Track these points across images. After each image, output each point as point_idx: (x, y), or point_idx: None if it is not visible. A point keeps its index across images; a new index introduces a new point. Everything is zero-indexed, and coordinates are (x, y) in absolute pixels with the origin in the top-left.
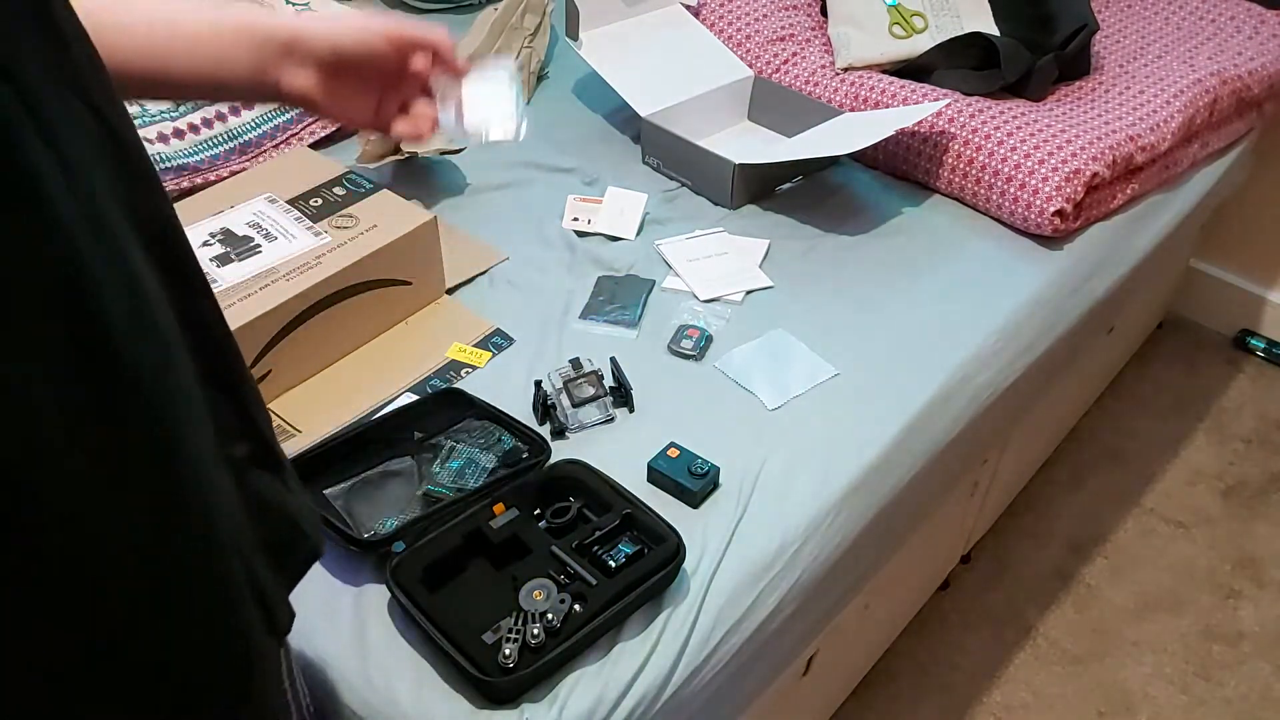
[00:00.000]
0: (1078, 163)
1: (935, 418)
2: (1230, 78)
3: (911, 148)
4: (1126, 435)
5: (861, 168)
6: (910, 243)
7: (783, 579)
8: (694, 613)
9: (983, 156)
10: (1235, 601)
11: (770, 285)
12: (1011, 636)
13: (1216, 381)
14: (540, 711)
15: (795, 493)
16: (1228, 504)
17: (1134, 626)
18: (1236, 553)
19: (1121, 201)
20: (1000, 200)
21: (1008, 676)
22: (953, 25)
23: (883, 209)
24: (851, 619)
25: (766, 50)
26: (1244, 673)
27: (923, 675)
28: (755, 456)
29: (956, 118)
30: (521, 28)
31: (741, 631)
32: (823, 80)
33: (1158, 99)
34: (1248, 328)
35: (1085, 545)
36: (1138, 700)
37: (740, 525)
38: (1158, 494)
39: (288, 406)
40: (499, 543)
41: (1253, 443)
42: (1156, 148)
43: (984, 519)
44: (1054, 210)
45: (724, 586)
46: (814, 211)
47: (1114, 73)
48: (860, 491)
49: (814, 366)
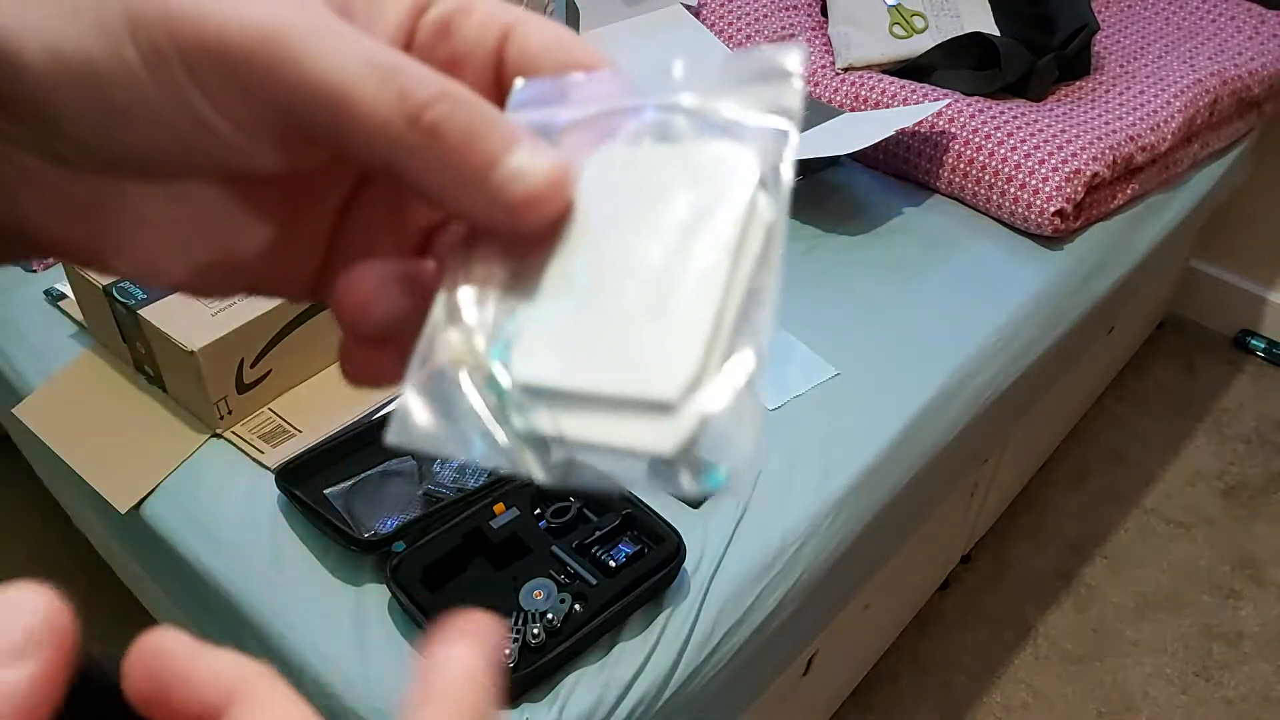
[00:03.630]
0: (1078, 163)
1: (935, 417)
2: (1230, 78)
3: (912, 148)
4: (1126, 435)
5: (862, 168)
6: (910, 243)
7: (783, 579)
8: (694, 612)
9: (983, 156)
10: (1235, 601)
11: None
12: (1011, 636)
13: (1216, 381)
14: (540, 711)
15: (795, 492)
16: (1228, 504)
17: (1134, 626)
18: (1237, 553)
19: (1122, 201)
20: (1000, 200)
21: (1008, 676)
22: (953, 25)
23: (883, 209)
24: (852, 619)
25: None
26: (1244, 673)
27: (923, 675)
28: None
29: (957, 118)
30: None
31: (742, 631)
32: (823, 80)
33: (1158, 99)
34: (1248, 328)
35: (1085, 545)
36: (1138, 700)
37: (741, 525)
38: (1158, 494)
39: (288, 406)
40: (499, 542)
41: (1253, 443)
42: (1157, 148)
43: (984, 519)
44: (1054, 210)
45: (724, 586)
46: (814, 211)
47: (1114, 73)
48: (860, 491)
49: (814, 366)
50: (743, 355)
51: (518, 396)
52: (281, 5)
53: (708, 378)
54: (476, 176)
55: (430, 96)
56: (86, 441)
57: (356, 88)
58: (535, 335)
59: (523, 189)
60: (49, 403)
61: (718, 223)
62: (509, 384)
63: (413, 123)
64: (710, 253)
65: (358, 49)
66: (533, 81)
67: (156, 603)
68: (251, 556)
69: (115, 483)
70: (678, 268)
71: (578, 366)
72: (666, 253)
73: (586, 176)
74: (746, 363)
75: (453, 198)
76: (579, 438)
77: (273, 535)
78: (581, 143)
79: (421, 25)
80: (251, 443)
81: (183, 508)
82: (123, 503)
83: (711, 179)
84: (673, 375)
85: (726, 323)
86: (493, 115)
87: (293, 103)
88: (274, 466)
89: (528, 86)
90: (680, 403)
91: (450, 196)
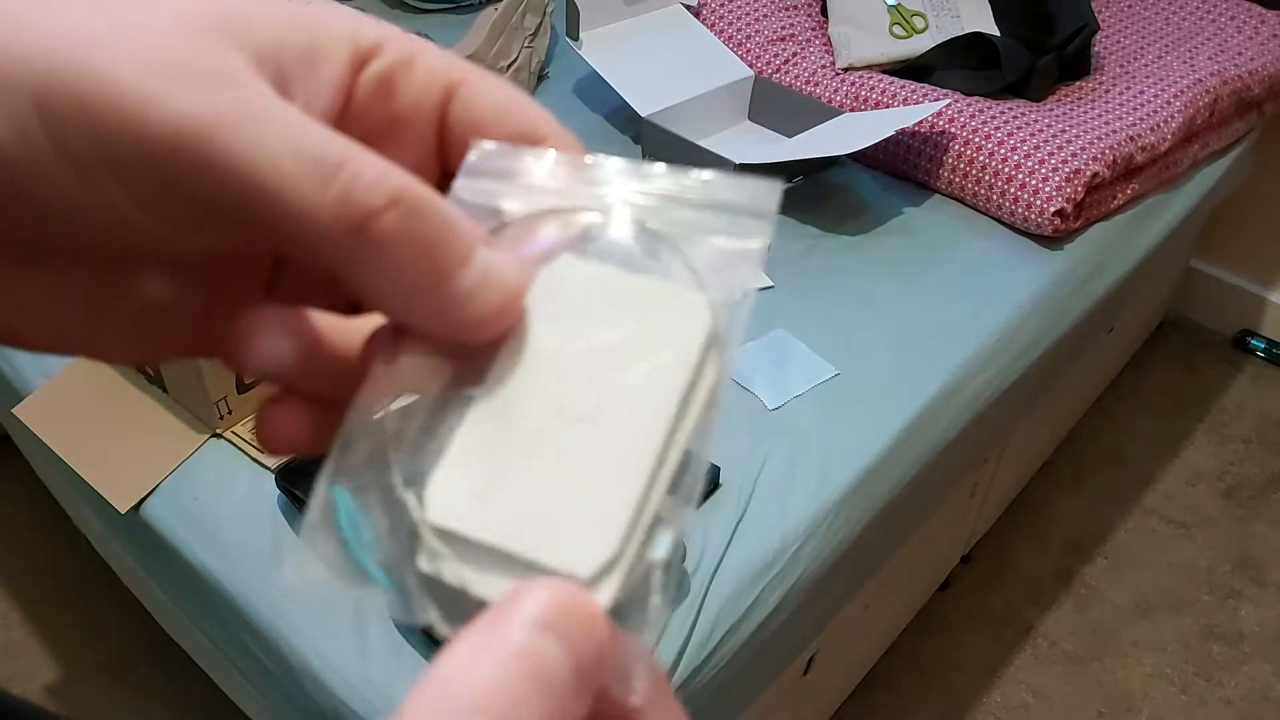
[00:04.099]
0: (1078, 163)
1: (936, 417)
2: (1230, 78)
3: (912, 148)
4: (1126, 435)
5: (862, 168)
6: (910, 243)
7: (783, 579)
8: (694, 613)
9: (983, 156)
10: (1235, 602)
11: (771, 285)
12: (1011, 637)
13: (1217, 382)
14: None
15: (795, 492)
16: (1228, 504)
17: (1134, 627)
18: (1237, 553)
19: (1122, 201)
20: (1000, 200)
21: (1008, 677)
22: (953, 25)
23: (883, 209)
24: (852, 619)
25: (767, 50)
26: (1244, 673)
27: (923, 675)
28: (755, 456)
29: (957, 118)
30: (522, 28)
31: (741, 631)
32: (823, 80)
33: (1158, 99)
34: (1248, 328)
35: (1085, 545)
36: (1138, 700)
37: (740, 525)
38: (1158, 494)
39: None
40: None
41: (1253, 443)
42: (1157, 148)
43: (984, 519)
44: (1054, 210)
45: (724, 586)
46: (814, 211)
47: (1114, 73)
48: (860, 491)
49: (814, 366)
50: (663, 536)
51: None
52: (210, 88)
53: (624, 559)
54: (426, 291)
55: (379, 204)
56: (86, 441)
57: (298, 189)
58: (453, 467)
59: (478, 307)
60: (49, 403)
61: (662, 379)
62: (418, 520)
63: (357, 231)
64: (648, 415)
65: (297, 140)
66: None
67: (156, 603)
68: (252, 556)
69: (115, 482)
70: (613, 422)
71: (493, 517)
72: (605, 401)
73: (535, 291)
74: (664, 546)
75: (398, 309)
76: (481, 594)
77: (273, 535)
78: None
79: (361, 81)
80: (252, 442)
81: (183, 507)
82: (123, 503)
83: (663, 327)
84: (589, 552)
85: (655, 495)
86: (449, 220)
87: (222, 201)
88: (274, 466)
89: (482, 156)
90: (592, 583)
91: (395, 307)
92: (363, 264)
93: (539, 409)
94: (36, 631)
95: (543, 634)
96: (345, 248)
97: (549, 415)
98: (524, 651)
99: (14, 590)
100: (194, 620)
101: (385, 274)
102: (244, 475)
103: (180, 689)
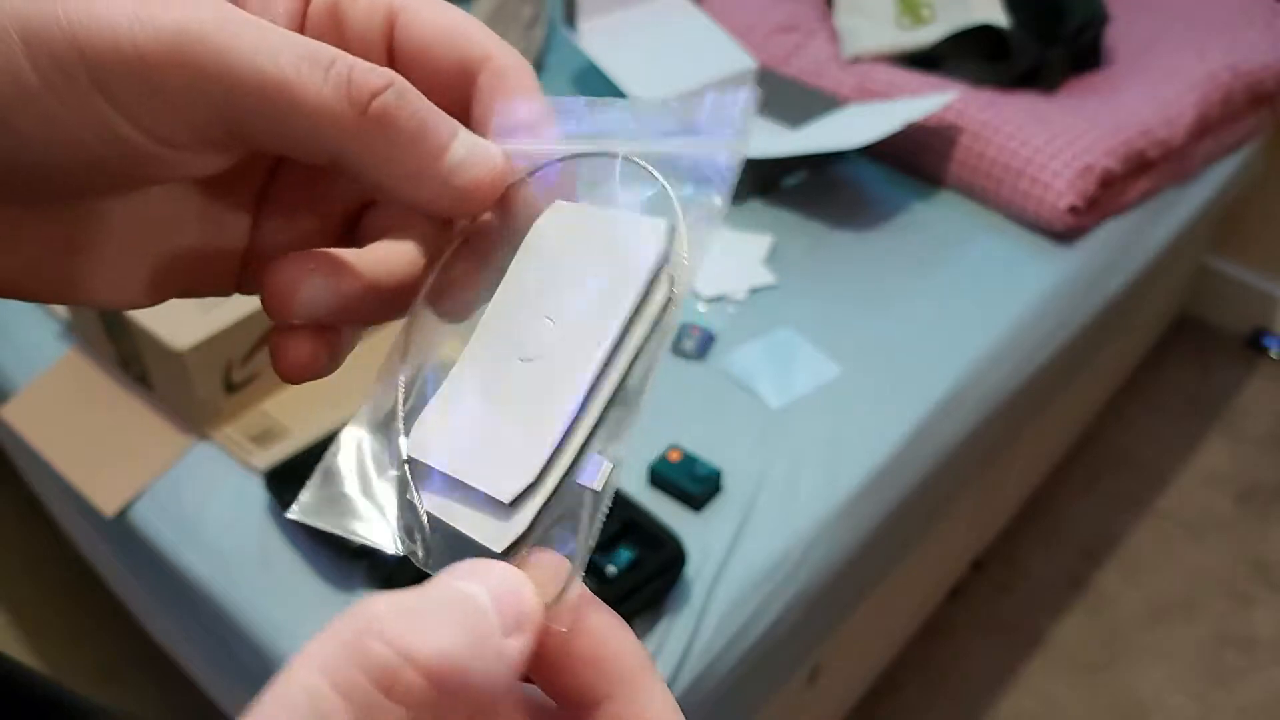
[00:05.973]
0: (1090, 157)
1: (945, 419)
2: (1244, 71)
3: (920, 141)
4: (1139, 438)
5: (869, 161)
6: (919, 238)
7: (788, 585)
8: (696, 620)
9: (993, 150)
10: (1249, 607)
11: (775, 282)
12: (1022, 644)
13: (1231, 382)
14: None
15: (801, 496)
16: (1242, 507)
17: (1146, 633)
18: (1251, 557)
19: (1135, 197)
20: (1012, 195)
21: (1018, 684)
22: (961, 15)
23: (891, 203)
24: (858, 626)
25: (771, 40)
26: (1258, 679)
27: (931, 683)
28: (760, 459)
29: (966, 110)
30: (518, 17)
31: (745, 639)
32: (828, 71)
33: (1171, 93)
34: (1263, 326)
35: (1097, 550)
36: (1150, 707)
37: (744, 530)
38: (1171, 497)
39: (280, 406)
40: None
41: (1267, 444)
42: (1170, 142)
43: (994, 523)
44: (1067, 206)
45: (727, 593)
46: (820, 206)
47: (1126, 65)
48: (868, 496)
49: (820, 366)
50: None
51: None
52: (192, 6)
53: (545, 485)
54: (426, 163)
55: (378, 85)
56: (72, 443)
57: (300, 79)
58: (435, 410)
59: (470, 176)
60: (34, 403)
61: (605, 308)
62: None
63: (362, 112)
64: (586, 348)
65: (289, 41)
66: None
67: (144, 607)
68: (240, 561)
69: (101, 486)
70: (557, 358)
71: (456, 450)
72: (557, 338)
73: (529, 240)
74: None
75: (403, 186)
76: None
77: (262, 539)
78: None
79: (310, 14)
80: (240, 444)
81: (170, 511)
82: (109, 506)
83: (618, 258)
84: (512, 479)
85: (583, 425)
86: (432, 106)
87: (228, 104)
88: (263, 468)
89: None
90: (515, 506)
91: (400, 185)
92: (367, 144)
93: (507, 353)
94: (21, 636)
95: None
96: (350, 131)
97: (512, 358)
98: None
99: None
100: (182, 625)
101: (388, 151)
102: (232, 478)
103: (167, 694)
